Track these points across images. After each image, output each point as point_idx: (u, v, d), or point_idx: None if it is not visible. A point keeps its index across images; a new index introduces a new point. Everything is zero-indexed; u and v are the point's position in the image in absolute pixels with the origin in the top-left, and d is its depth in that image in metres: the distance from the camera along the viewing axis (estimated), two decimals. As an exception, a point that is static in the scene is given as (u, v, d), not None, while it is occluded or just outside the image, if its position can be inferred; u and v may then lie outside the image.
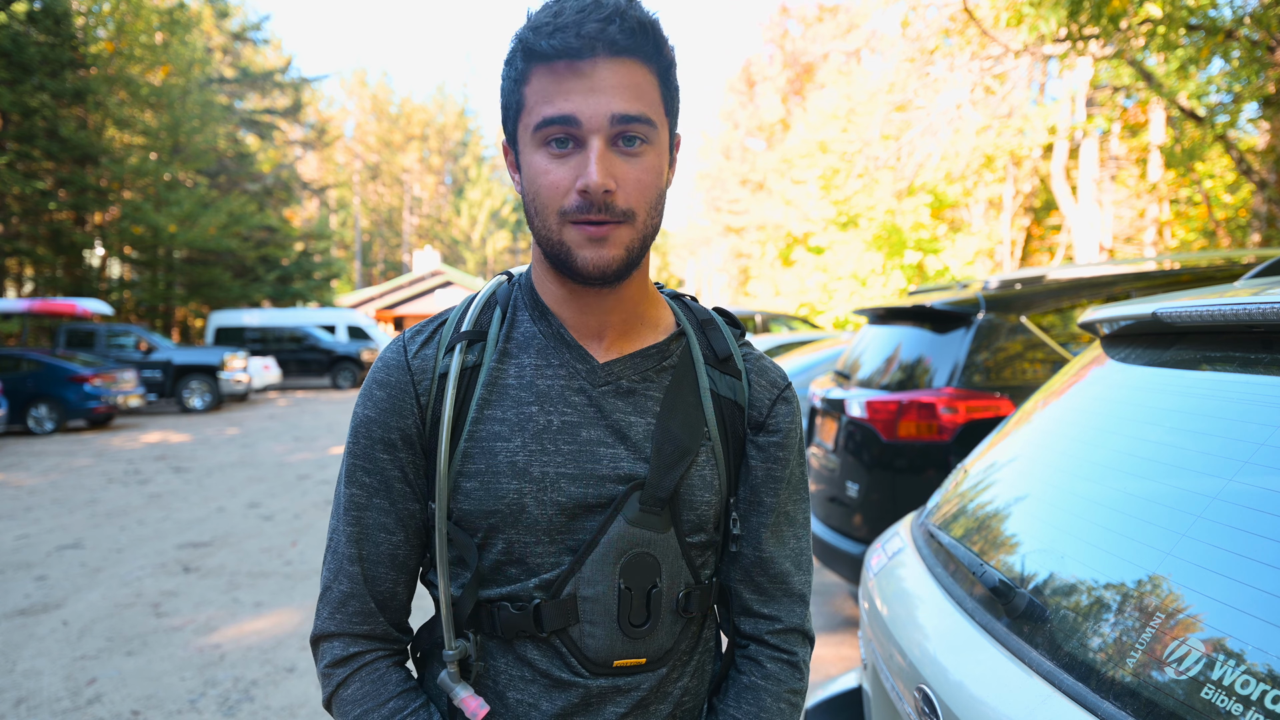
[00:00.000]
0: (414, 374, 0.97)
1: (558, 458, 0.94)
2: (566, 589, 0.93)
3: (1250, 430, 1.05)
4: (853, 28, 27.78)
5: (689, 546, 0.98)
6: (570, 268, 0.91)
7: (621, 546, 0.93)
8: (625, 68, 0.87)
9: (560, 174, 0.87)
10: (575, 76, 0.86)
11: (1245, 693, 0.81)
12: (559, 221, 0.89)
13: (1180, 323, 1.24)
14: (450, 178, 68.52)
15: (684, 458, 0.96)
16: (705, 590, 1.01)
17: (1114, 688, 0.95)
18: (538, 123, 0.87)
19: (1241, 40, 9.87)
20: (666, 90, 0.92)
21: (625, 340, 1.00)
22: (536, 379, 0.96)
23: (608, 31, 0.85)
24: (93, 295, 24.75)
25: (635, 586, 0.94)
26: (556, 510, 0.93)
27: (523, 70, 0.89)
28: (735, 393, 1.03)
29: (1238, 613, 0.89)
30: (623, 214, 0.88)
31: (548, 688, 0.95)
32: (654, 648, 0.96)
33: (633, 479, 0.94)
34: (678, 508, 0.96)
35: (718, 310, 1.10)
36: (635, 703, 0.96)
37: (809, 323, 15.78)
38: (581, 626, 0.93)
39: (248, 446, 12.12)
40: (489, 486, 0.93)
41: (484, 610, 0.95)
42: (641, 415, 0.97)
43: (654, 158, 0.90)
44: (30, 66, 20.84)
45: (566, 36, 0.84)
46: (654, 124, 0.89)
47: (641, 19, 0.87)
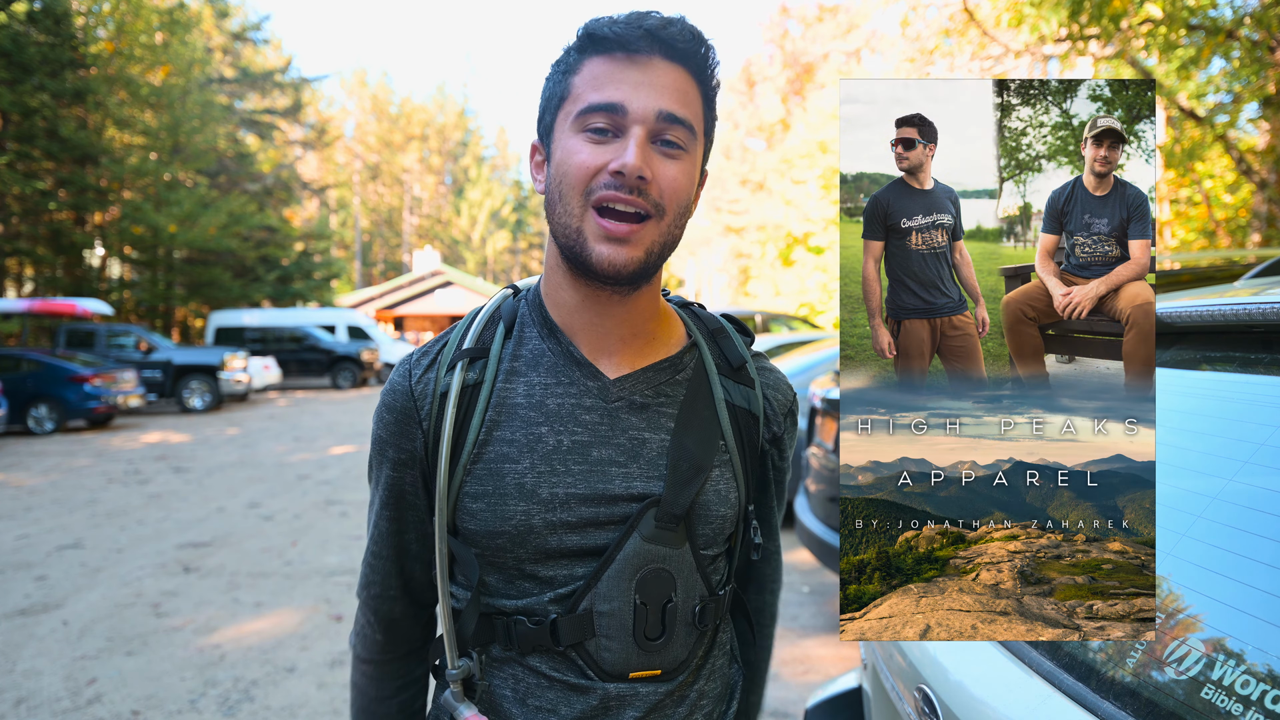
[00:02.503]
0: (416, 399, 0.98)
1: (568, 478, 0.93)
2: (583, 604, 0.93)
3: (1250, 430, 1.05)
4: (853, 28, 27.79)
5: (703, 559, 0.98)
6: (585, 263, 0.89)
7: (637, 563, 0.93)
8: (677, 73, 0.89)
9: (594, 155, 0.87)
10: (630, 67, 0.87)
11: (1245, 693, 0.81)
12: (582, 206, 0.88)
13: (1180, 323, 1.24)
14: (450, 178, 68.53)
15: (699, 474, 0.96)
16: (719, 602, 1.01)
17: (1114, 688, 0.95)
18: (583, 108, 0.87)
19: (1241, 40, 9.88)
20: (708, 111, 0.94)
21: (637, 355, 0.99)
22: (546, 398, 0.96)
23: (667, 31, 0.87)
24: (93, 295, 24.74)
25: (651, 601, 0.94)
26: (565, 529, 0.93)
27: (575, 61, 0.90)
28: (750, 402, 1.03)
29: (1238, 613, 0.89)
30: (654, 206, 0.88)
31: (565, 693, 0.95)
32: (669, 659, 0.97)
33: (645, 497, 0.94)
34: (693, 523, 0.96)
35: (726, 317, 1.10)
36: (651, 706, 0.96)
37: (809, 323, 15.77)
38: (598, 640, 0.94)
39: (248, 446, 12.12)
40: (495, 508, 0.93)
41: (498, 623, 0.96)
42: (655, 431, 0.97)
43: (689, 165, 0.91)
44: (30, 66, 20.85)
45: (629, 28, 0.87)
46: (694, 133, 0.90)
47: (698, 32, 0.90)
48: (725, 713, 1.06)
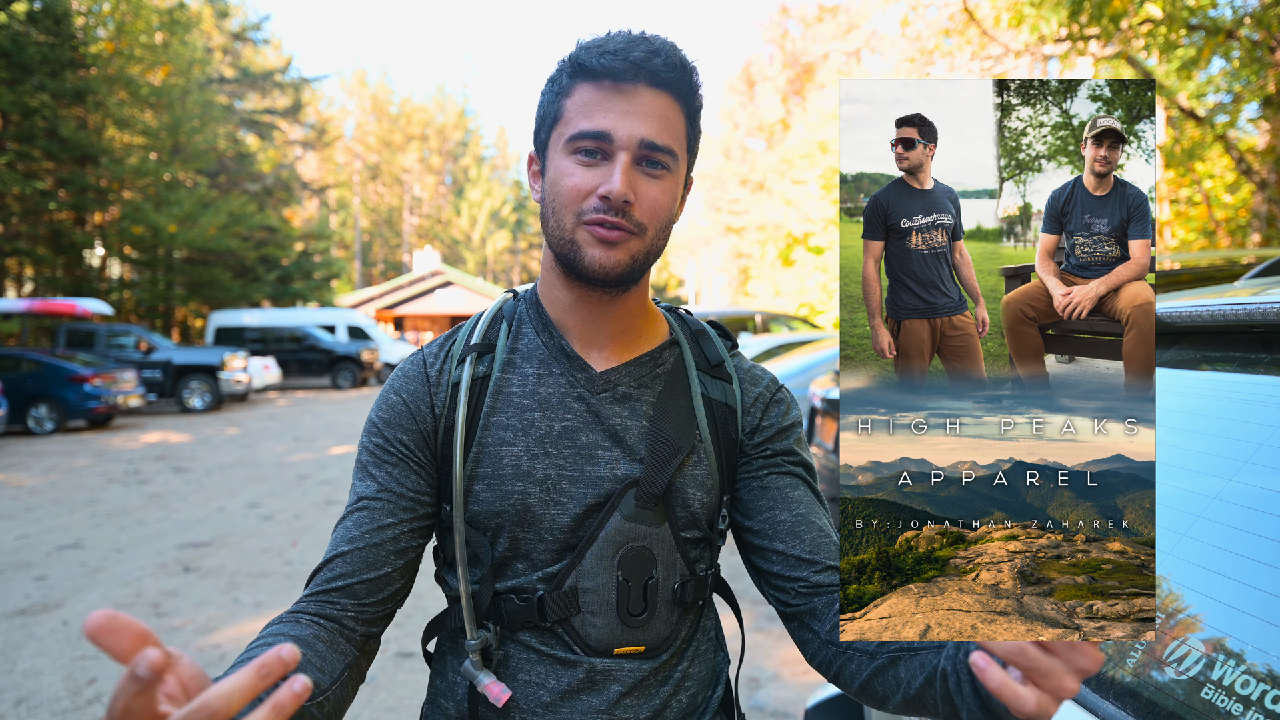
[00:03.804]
0: (431, 385, 1.05)
1: (559, 460, 1.01)
2: (568, 581, 0.99)
3: (1250, 430, 1.05)
4: (853, 28, 27.81)
5: (683, 541, 1.03)
6: (578, 267, 0.97)
7: (619, 540, 0.99)
8: (661, 99, 0.96)
9: (584, 179, 0.95)
10: (617, 96, 0.95)
11: (1245, 693, 0.81)
12: (574, 222, 0.96)
13: (1180, 323, 1.24)
14: (450, 178, 68.56)
15: (676, 455, 1.02)
16: (700, 582, 1.06)
17: (1114, 688, 0.95)
18: (573, 134, 0.95)
19: (1241, 40, 9.88)
20: (691, 130, 1.02)
21: (623, 349, 1.07)
22: (539, 387, 1.04)
23: (652, 63, 0.94)
24: (93, 295, 24.75)
25: (633, 578, 0.99)
26: (559, 510, 1.00)
27: (567, 85, 0.98)
28: (726, 395, 1.10)
29: (1238, 613, 0.89)
30: (637, 225, 0.96)
31: (554, 666, 1.00)
32: (652, 636, 1.02)
33: (629, 478, 1.01)
34: (671, 504, 1.02)
35: (711, 323, 1.18)
36: (636, 681, 1.01)
37: (809, 323, 15.78)
38: (583, 616, 0.99)
39: (248, 446, 12.12)
40: (495, 488, 1.00)
41: (492, 602, 1.02)
42: (637, 419, 1.04)
43: (671, 184, 0.99)
44: (30, 66, 20.86)
45: (615, 59, 0.94)
46: (676, 156, 0.98)
47: (683, 60, 0.98)
48: (710, 698, 1.10)
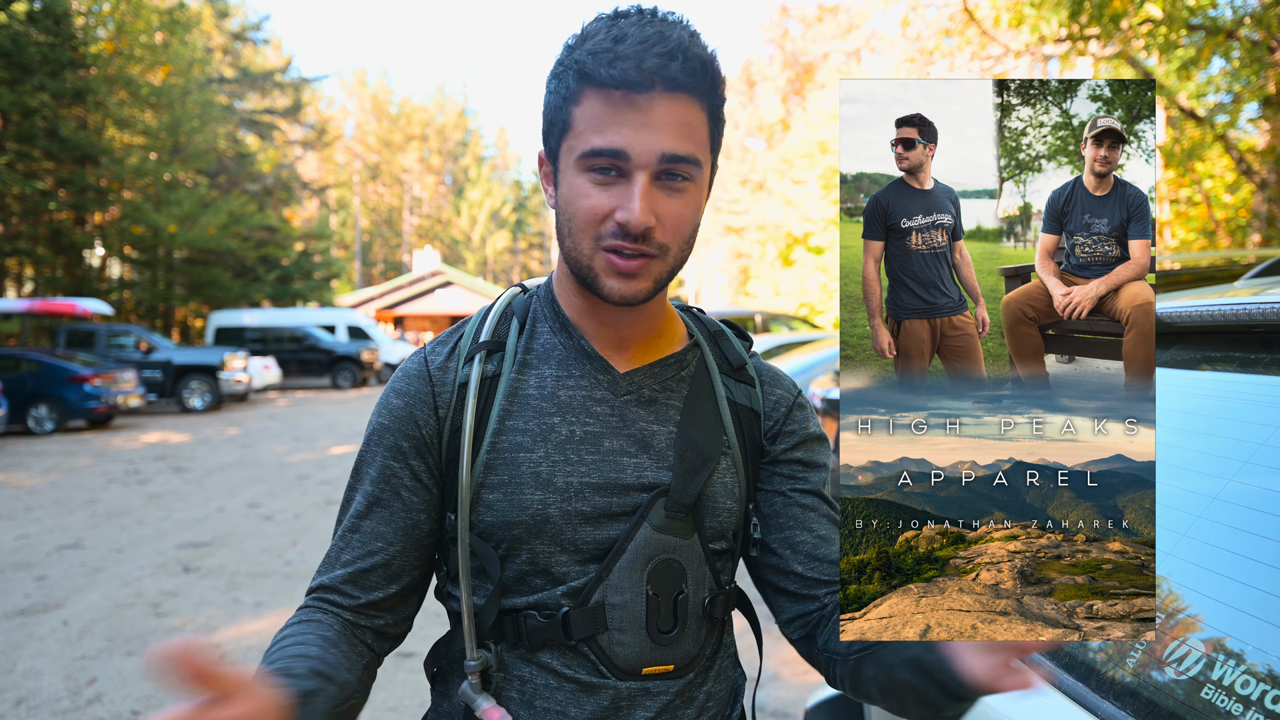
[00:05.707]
0: (435, 384, 0.98)
1: (581, 467, 0.94)
2: (595, 597, 0.93)
3: (1250, 430, 1.05)
4: (853, 28, 27.79)
5: (712, 553, 0.98)
6: (597, 292, 0.92)
7: (648, 553, 0.93)
8: (680, 105, 0.87)
9: (601, 200, 0.87)
10: (630, 109, 0.85)
11: (1245, 693, 0.81)
12: (592, 247, 0.89)
13: (1180, 323, 1.24)
14: (450, 178, 68.55)
15: (706, 464, 0.97)
16: (728, 596, 1.02)
17: (1114, 688, 0.95)
18: (585, 150, 0.87)
19: (1242, 40, 9.88)
20: (715, 127, 0.93)
21: (645, 351, 1.01)
22: (558, 390, 0.97)
23: (669, 68, 0.84)
24: (93, 295, 24.73)
25: (662, 593, 0.94)
26: (580, 520, 0.93)
27: (574, 90, 0.88)
28: (751, 400, 1.05)
29: (1238, 613, 0.89)
30: (659, 248, 0.89)
31: (576, 693, 0.94)
32: (681, 654, 0.96)
33: (656, 486, 0.95)
34: (701, 514, 0.96)
35: (726, 323, 1.12)
36: (662, 706, 0.95)
37: (809, 323, 15.78)
38: (610, 634, 0.93)
39: (248, 446, 12.12)
40: (512, 498, 0.93)
41: (508, 620, 0.95)
42: (663, 424, 0.98)
43: (695, 194, 0.91)
44: (30, 66, 20.85)
45: (627, 68, 0.84)
46: (699, 164, 0.90)
47: (702, 57, 0.87)
48: (729, 716, 1.06)
